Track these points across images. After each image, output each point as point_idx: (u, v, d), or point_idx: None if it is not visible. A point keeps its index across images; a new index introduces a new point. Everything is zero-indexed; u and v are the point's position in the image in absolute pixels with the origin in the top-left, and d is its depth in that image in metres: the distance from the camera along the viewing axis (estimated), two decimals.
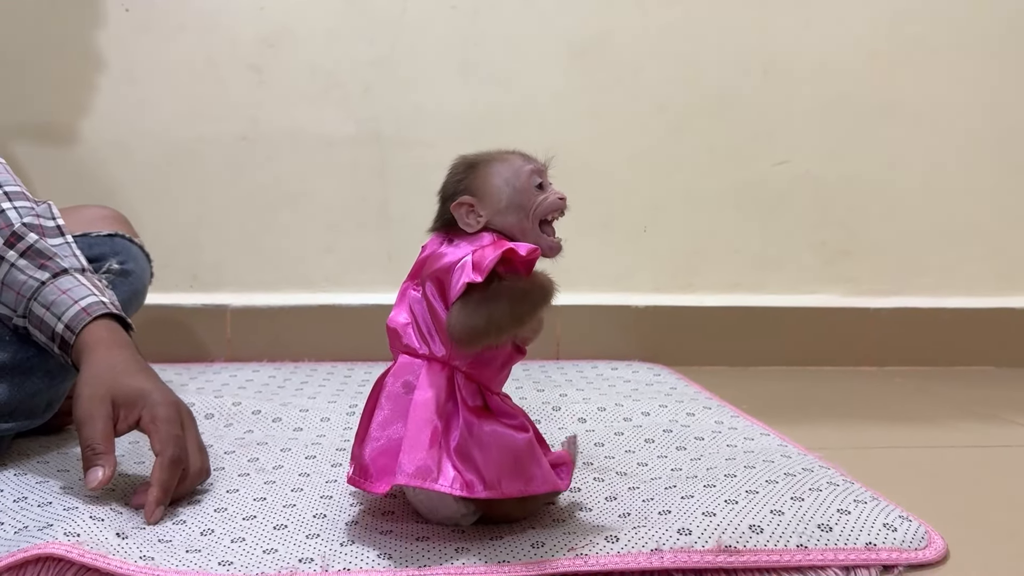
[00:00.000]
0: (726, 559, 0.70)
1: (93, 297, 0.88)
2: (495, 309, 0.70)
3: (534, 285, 0.73)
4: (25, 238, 0.89)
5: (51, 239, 0.91)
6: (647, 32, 1.57)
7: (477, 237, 0.76)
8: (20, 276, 0.88)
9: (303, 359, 1.53)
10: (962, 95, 1.62)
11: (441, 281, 0.73)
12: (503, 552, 0.71)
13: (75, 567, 0.66)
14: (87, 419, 0.78)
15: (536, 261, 0.73)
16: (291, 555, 0.70)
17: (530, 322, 0.73)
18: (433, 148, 1.53)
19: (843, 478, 0.87)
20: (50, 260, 0.89)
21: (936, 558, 0.74)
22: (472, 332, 0.70)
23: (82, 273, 0.90)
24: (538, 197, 0.77)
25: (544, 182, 0.78)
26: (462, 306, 0.71)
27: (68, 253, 0.91)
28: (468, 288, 0.71)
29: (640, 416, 1.15)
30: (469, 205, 0.76)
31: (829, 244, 1.63)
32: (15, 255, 0.88)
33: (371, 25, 1.53)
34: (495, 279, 0.71)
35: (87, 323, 0.85)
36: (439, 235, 0.79)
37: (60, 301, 0.86)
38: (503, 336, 0.72)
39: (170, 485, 0.79)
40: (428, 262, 0.76)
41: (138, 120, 1.51)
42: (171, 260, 1.50)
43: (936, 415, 1.28)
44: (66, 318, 0.86)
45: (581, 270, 1.58)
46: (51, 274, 0.88)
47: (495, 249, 0.71)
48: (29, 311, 0.88)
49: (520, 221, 0.77)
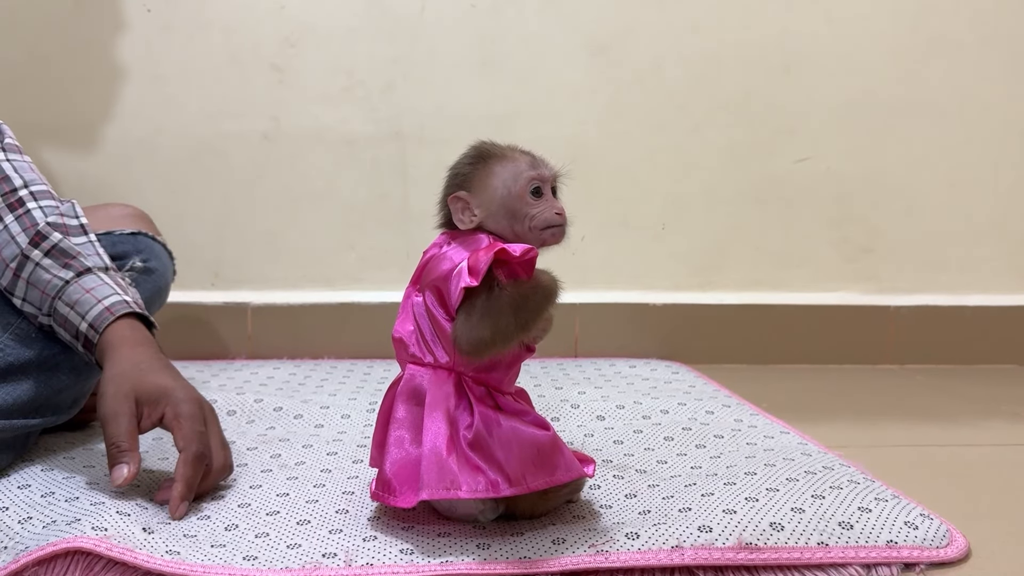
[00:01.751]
0: (747, 556, 0.70)
1: (116, 296, 0.89)
2: (499, 319, 0.70)
3: (535, 288, 0.71)
4: (49, 237, 0.90)
5: (75, 238, 0.92)
6: (667, 29, 1.57)
7: (474, 239, 0.75)
8: (45, 275, 0.89)
9: (323, 356, 1.54)
10: (985, 91, 1.60)
11: (440, 290, 0.73)
12: (524, 548, 0.71)
13: (103, 561, 0.67)
14: (111, 417, 0.79)
15: (535, 260, 0.72)
16: (315, 550, 0.71)
17: (536, 326, 0.72)
18: (453, 146, 1.50)
19: (864, 476, 0.87)
20: (74, 259, 0.90)
21: (958, 556, 0.74)
22: (479, 344, 0.70)
23: (105, 272, 0.92)
24: (532, 208, 0.75)
25: (545, 191, 0.76)
26: (466, 317, 0.70)
27: (92, 252, 0.92)
28: (467, 293, 0.70)
29: (659, 414, 1.15)
30: (464, 201, 0.76)
31: (850, 241, 1.62)
32: (40, 254, 0.89)
33: (391, 24, 1.54)
34: (495, 283, 0.70)
35: (111, 322, 0.87)
36: (443, 235, 0.78)
37: (84, 300, 0.88)
38: (511, 344, 0.71)
39: (194, 481, 0.80)
40: (429, 267, 0.75)
41: (161, 119, 1.53)
42: (193, 258, 1.51)
43: (958, 413, 1.27)
44: (90, 317, 0.87)
45: (599, 268, 1.58)
46: (75, 273, 0.89)
47: (488, 252, 0.70)
48: (54, 309, 0.89)
49: (512, 226, 0.75)
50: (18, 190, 0.92)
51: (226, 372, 1.40)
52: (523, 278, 0.72)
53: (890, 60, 1.59)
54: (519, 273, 0.72)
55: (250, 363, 1.48)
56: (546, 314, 0.73)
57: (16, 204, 0.91)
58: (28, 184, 0.93)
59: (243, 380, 1.34)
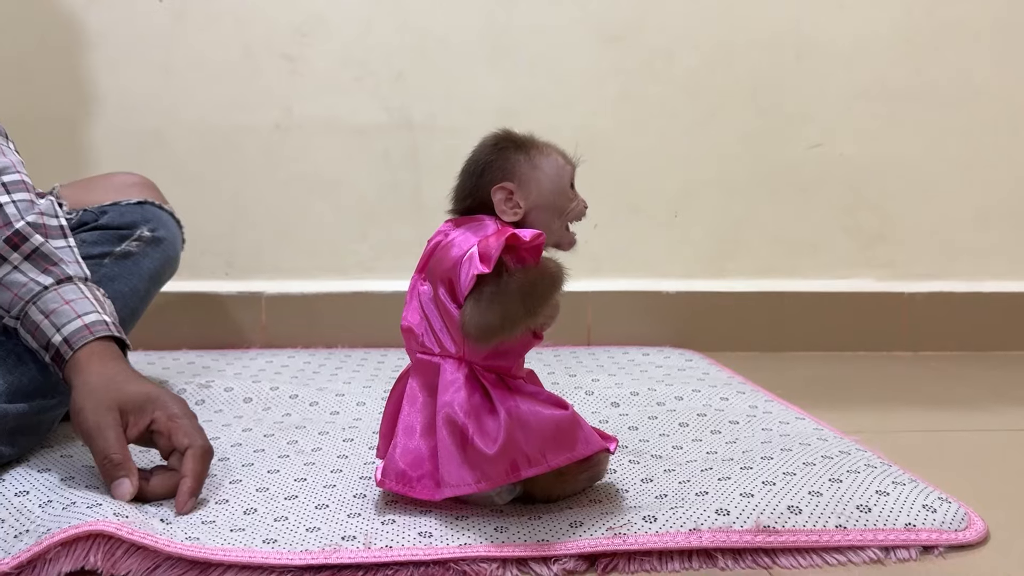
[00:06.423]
0: (765, 539, 0.70)
1: (96, 314, 0.86)
2: (507, 305, 0.70)
3: (543, 275, 0.72)
4: (30, 239, 0.87)
5: (54, 241, 0.89)
6: (679, 16, 1.56)
7: (480, 225, 0.75)
8: (21, 278, 0.86)
9: (337, 345, 1.54)
10: (998, 77, 1.59)
11: (451, 281, 0.73)
12: (542, 531, 0.71)
13: (124, 545, 0.67)
14: (96, 430, 0.77)
15: (542, 246, 0.72)
16: (334, 533, 0.72)
17: (543, 312, 0.73)
18: (465, 135, 1.51)
19: (881, 460, 0.87)
20: (54, 265, 0.87)
21: (977, 539, 0.74)
22: (487, 330, 0.70)
23: (85, 283, 0.89)
24: (571, 202, 0.77)
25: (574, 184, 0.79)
26: (475, 304, 0.70)
27: (71, 258, 0.90)
28: (478, 280, 0.70)
29: (673, 400, 1.15)
30: (509, 192, 0.75)
31: (864, 228, 1.61)
32: (19, 257, 0.86)
33: (402, 13, 1.54)
34: (503, 270, 0.70)
35: (88, 342, 0.84)
36: (447, 222, 0.78)
37: (62, 311, 0.85)
38: (518, 330, 0.71)
39: (203, 476, 0.79)
40: (436, 256, 0.75)
41: (174, 110, 1.53)
42: (207, 248, 1.52)
43: (973, 399, 1.27)
44: (66, 331, 0.84)
45: (612, 256, 1.58)
46: (55, 280, 0.86)
47: (499, 237, 0.70)
48: (24, 314, 0.86)
49: (550, 220, 0.77)
50: None
51: (241, 361, 1.40)
52: (530, 263, 0.72)
53: (903, 46, 1.58)
54: (526, 259, 0.72)
55: (264, 352, 1.49)
56: (553, 300, 0.73)
57: None
58: (1, 172, 0.89)
59: (258, 368, 1.35)
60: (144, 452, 0.86)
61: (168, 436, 0.80)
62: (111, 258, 1.07)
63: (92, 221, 1.09)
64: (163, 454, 0.81)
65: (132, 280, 1.07)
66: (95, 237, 1.07)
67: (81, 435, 0.79)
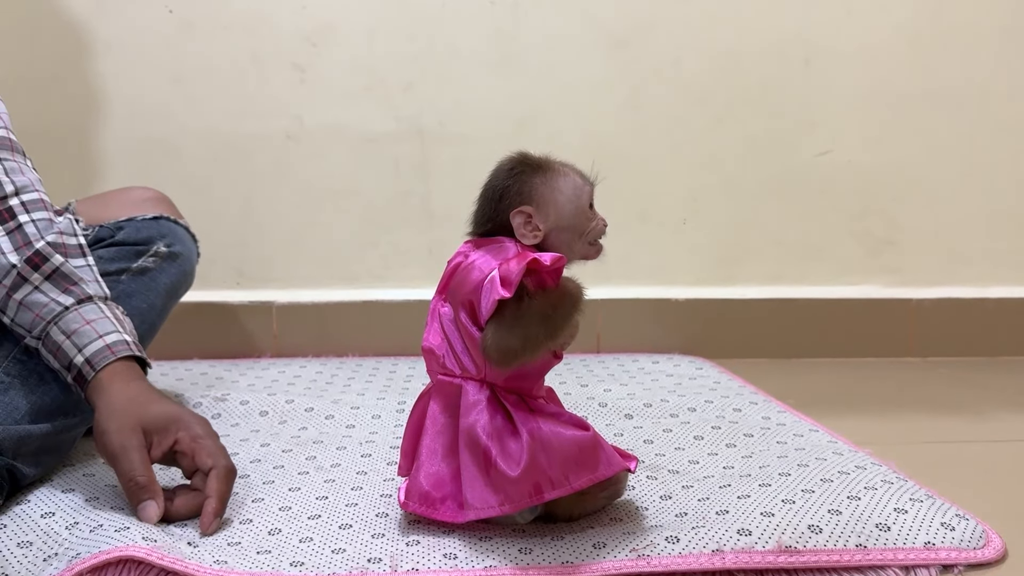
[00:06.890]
0: (787, 559, 0.71)
1: (117, 334, 0.87)
2: (528, 328, 0.70)
3: (563, 296, 0.72)
4: (51, 259, 0.87)
5: (74, 260, 0.89)
6: (686, 23, 1.56)
7: (500, 247, 0.75)
8: (42, 298, 0.86)
9: (347, 354, 1.55)
10: (1006, 81, 1.60)
11: (472, 304, 0.73)
12: (566, 552, 0.72)
13: (155, 570, 0.68)
14: (121, 452, 0.78)
15: (563, 269, 0.73)
16: (360, 555, 0.72)
17: (564, 333, 0.73)
18: (474, 143, 1.55)
19: (897, 476, 0.88)
20: (75, 285, 0.88)
21: (995, 557, 0.75)
22: (508, 353, 0.71)
23: (105, 302, 0.90)
24: (590, 222, 0.78)
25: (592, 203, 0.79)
26: (496, 328, 0.71)
27: (91, 277, 0.90)
28: (499, 305, 0.71)
29: (687, 412, 1.16)
30: (527, 215, 0.76)
31: (872, 234, 1.62)
32: (40, 277, 0.86)
33: (411, 21, 1.54)
34: (524, 293, 0.71)
35: (111, 362, 0.84)
36: (467, 243, 0.78)
37: (84, 332, 0.85)
38: (539, 352, 0.72)
39: (227, 496, 0.80)
40: (457, 278, 0.75)
41: (184, 119, 1.53)
42: (217, 258, 1.52)
43: (983, 407, 1.27)
44: (88, 351, 0.84)
45: (620, 263, 1.58)
46: (76, 300, 0.87)
47: (520, 262, 0.71)
48: (46, 334, 0.86)
49: (571, 240, 0.77)
50: (8, 198, 0.88)
51: (253, 371, 1.41)
52: (550, 285, 0.73)
53: (910, 51, 1.59)
54: (547, 281, 0.73)
55: (276, 361, 1.49)
56: (574, 321, 0.74)
57: (6, 214, 0.87)
58: (20, 191, 0.89)
59: (271, 379, 1.36)
60: (165, 470, 0.86)
61: (192, 456, 0.80)
62: (128, 274, 1.07)
63: (108, 237, 1.10)
64: (186, 474, 0.82)
65: (150, 296, 1.08)
66: (112, 253, 1.07)
67: (105, 456, 0.80)
